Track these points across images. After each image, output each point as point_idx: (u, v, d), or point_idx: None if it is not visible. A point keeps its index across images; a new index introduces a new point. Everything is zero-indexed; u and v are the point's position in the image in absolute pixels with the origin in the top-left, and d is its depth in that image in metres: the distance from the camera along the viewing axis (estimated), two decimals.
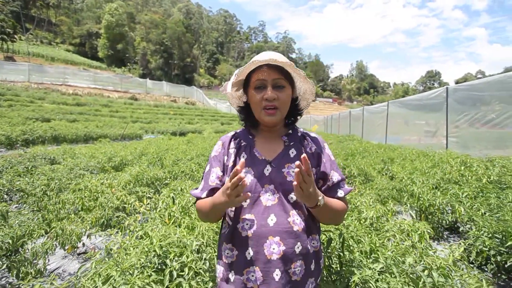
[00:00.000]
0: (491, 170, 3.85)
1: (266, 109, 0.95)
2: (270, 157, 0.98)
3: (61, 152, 6.46)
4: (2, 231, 1.98)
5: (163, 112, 29.54)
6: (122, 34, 64.66)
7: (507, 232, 1.81)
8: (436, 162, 5.40)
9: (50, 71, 34.01)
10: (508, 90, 7.51)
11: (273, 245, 0.88)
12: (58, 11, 72.09)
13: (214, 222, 1.22)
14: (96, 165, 5.13)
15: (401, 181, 3.65)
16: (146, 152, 6.83)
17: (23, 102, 20.62)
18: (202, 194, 1.00)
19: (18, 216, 2.38)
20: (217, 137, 12.99)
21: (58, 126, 10.85)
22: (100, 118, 20.43)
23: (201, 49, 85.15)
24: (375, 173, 4.71)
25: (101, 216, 2.83)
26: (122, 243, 1.57)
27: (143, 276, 1.18)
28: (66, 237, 2.29)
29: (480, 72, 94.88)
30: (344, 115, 21.38)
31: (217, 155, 1.04)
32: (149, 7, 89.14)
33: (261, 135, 1.05)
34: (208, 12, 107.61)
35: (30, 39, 54.88)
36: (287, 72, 0.96)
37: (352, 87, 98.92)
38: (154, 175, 4.02)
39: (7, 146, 7.81)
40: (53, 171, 4.12)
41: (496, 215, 2.11)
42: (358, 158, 6.34)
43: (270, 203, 0.92)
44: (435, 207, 2.73)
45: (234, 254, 0.94)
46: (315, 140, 1.04)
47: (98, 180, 3.43)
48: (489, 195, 2.74)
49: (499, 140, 7.94)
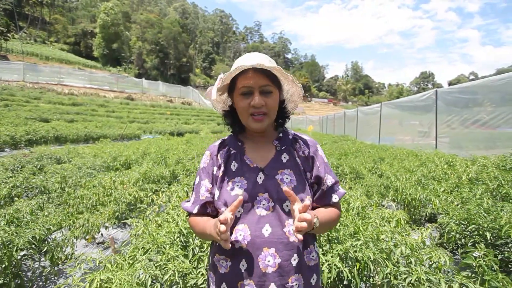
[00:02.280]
0: (470, 168, 4.22)
1: (253, 116, 0.91)
2: (262, 164, 0.95)
3: (66, 152, 6.70)
4: (40, 220, 2.26)
5: (160, 112, 29.63)
6: (117, 34, 64.34)
7: (470, 219, 2.15)
8: (423, 161, 5.78)
9: (45, 70, 33.73)
10: (494, 92, 7.97)
11: (268, 257, 0.84)
12: (52, 10, 71.42)
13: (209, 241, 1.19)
14: (103, 164, 5.39)
15: (387, 178, 4.00)
16: (148, 152, 7.10)
17: (19, 102, 20.55)
18: (193, 209, 0.97)
19: (46, 209, 2.65)
20: (214, 137, 13.25)
21: (59, 126, 11.04)
22: (97, 118, 20.52)
23: (197, 49, 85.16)
24: (366, 171, 5.06)
25: (116, 210, 3.12)
26: (147, 227, 1.88)
27: (173, 250, 1.49)
28: (89, 228, 2.58)
29: (472, 74, 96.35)
30: (339, 116, 21.80)
31: (206, 167, 1.00)
32: (145, 6, 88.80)
33: (251, 141, 1.01)
34: (204, 12, 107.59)
35: (24, 37, 54.28)
36: (274, 75, 0.91)
37: (348, 88, 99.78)
38: (160, 173, 4.31)
39: (11, 146, 8.01)
40: (64, 170, 4.38)
41: (465, 207, 2.45)
42: (351, 158, 6.71)
43: (265, 213, 0.88)
44: (416, 200, 3.08)
45: (227, 265, 0.89)
46: (307, 143, 1.01)
47: (110, 178, 3.71)
48: (463, 189, 3.10)
49: (487, 140, 8.34)
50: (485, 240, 1.97)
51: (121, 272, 1.44)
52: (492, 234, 1.96)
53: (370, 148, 9.44)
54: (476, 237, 2.05)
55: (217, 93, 0.98)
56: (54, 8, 72.06)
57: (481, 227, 2.02)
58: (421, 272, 1.34)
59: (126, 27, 70.16)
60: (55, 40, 66.29)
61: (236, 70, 0.88)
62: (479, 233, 2.03)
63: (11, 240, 1.85)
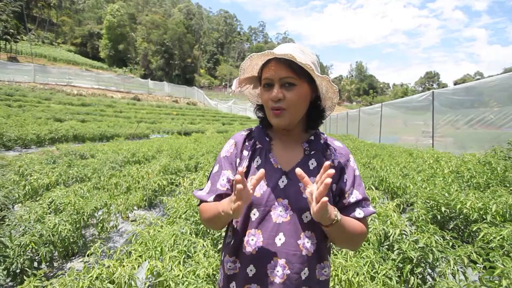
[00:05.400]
0: (451, 163, 4.77)
1: (273, 110, 0.84)
2: (287, 166, 0.87)
3: (87, 149, 7.35)
4: (95, 197, 2.87)
5: (166, 112, 30.19)
6: (123, 35, 65.52)
7: (433, 198, 2.71)
8: (415, 158, 6.32)
9: (53, 71, 34.44)
10: (490, 93, 8.41)
11: (278, 267, 0.80)
12: (59, 12, 72.81)
13: (217, 229, 1.12)
14: (123, 160, 6.02)
15: (374, 169, 4.57)
16: (161, 149, 7.75)
17: (32, 102, 21.27)
18: (208, 198, 0.90)
19: (91, 191, 3.28)
20: (219, 137, 13.84)
21: (77, 126, 11.77)
22: (106, 118, 21.16)
23: (202, 49, 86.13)
24: (359, 166, 5.62)
25: (144, 195, 3.74)
26: (181, 200, 2.48)
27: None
28: (127, 206, 3.19)
29: (478, 73, 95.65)
30: (342, 116, 22.30)
31: (229, 156, 0.93)
32: (150, 7, 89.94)
33: (278, 139, 0.93)
34: (208, 12, 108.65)
35: (32, 39, 55.53)
36: (300, 67, 0.80)
37: (352, 88, 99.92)
38: (178, 166, 4.93)
39: (37, 143, 8.74)
40: (94, 163, 5.02)
41: (433, 191, 3.01)
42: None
43: (281, 220, 0.82)
44: (397, 188, 3.64)
45: (236, 267, 0.85)
46: (340, 151, 0.91)
47: (136, 169, 4.33)
48: (437, 179, 3.65)
49: (490, 140, 8.65)
50: (440, 212, 2.53)
51: (166, 228, 2.03)
52: (447, 208, 2.52)
53: (369, 146, 9.96)
54: (435, 210, 2.61)
55: (247, 86, 0.96)
56: (61, 10, 73.49)
57: (439, 204, 2.58)
58: (378, 224, 1.92)
59: (131, 28, 71.31)
60: (62, 42, 67.72)
61: (250, 59, 0.85)
62: (437, 208, 2.59)
63: (82, 207, 2.47)
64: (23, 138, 8.33)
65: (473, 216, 2.24)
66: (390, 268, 1.58)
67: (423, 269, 1.64)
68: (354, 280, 1.42)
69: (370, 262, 1.61)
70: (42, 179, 3.65)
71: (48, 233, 2.01)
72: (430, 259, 1.56)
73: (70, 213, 2.38)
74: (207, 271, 1.48)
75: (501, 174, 3.81)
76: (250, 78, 0.94)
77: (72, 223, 2.29)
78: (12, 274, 1.91)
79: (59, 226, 2.10)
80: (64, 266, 2.42)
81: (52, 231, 2.06)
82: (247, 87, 0.97)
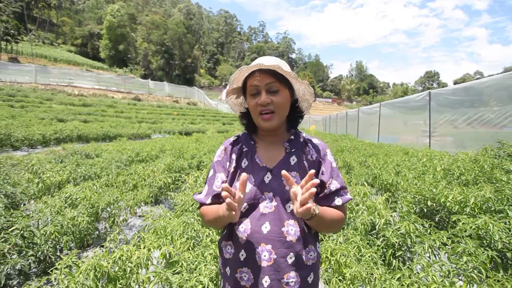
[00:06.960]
0: (443, 161, 4.98)
1: (262, 114, 0.95)
2: (271, 164, 0.99)
3: (92, 149, 7.56)
4: (107, 193, 3.09)
5: (166, 112, 30.29)
6: (123, 35, 65.67)
7: (421, 193, 2.93)
8: (409, 156, 6.53)
9: (54, 72, 34.50)
10: (484, 95, 8.59)
11: (265, 252, 0.90)
12: (59, 12, 73.00)
13: (219, 229, 1.26)
14: (128, 159, 6.24)
15: (368, 167, 4.78)
16: (164, 149, 7.96)
17: (34, 103, 21.40)
18: (207, 200, 1.00)
19: (103, 188, 3.49)
20: (220, 137, 14.07)
21: (81, 126, 12.00)
22: (107, 118, 21.30)
23: (202, 49, 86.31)
24: (356, 164, 5.83)
25: (151, 191, 3.96)
26: (185, 195, 2.70)
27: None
28: (136, 201, 3.41)
29: (478, 73, 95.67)
30: (342, 116, 22.46)
31: (220, 160, 1.05)
32: (150, 7, 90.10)
33: (262, 141, 1.05)
34: (208, 12, 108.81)
35: (33, 39, 55.71)
36: (282, 75, 0.94)
37: (352, 87, 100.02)
38: (181, 164, 5.15)
39: (42, 143, 8.97)
40: (101, 162, 5.24)
41: (421, 186, 3.22)
42: (346, 154, 7.48)
43: (267, 211, 0.93)
44: (389, 185, 3.86)
45: (231, 252, 0.95)
46: (317, 147, 1.02)
47: (142, 167, 4.55)
48: (428, 176, 3.87)
49: (489, 139, 8.79)
50: (427, 206, 2.74)
51: (174, 220, 2.25)
52: (432, 202, 2.74)
53: (366, 146, 10.16)
54: (422, 204, 2.83)
55: (233, 96, 1.07)
56: (61, 10, 73.65)
57: (426, 198, 2.80)
58: (367, 215, 2.13)
59: (132, 28, 71.44)
60: (62, 42, 67.87)
61: (239, 72, 0.96)
62: (424, 202, 2.81)
63: (97, 201, 2.69)
64: (30, 138, 8.58)
65: (454, 208, 2.45)
66: (375, 252, 1.80)
67: (403, 253, 1.86)
68: (341, 261, 1.63)
69: (357, 246, 1.83)
70: (54, 177, 3.87)
71: (68, 223, 2.23)
72: (409, 243, 1.78)
73: (86, 207, 2.60)
74: (214, 253, 1.71)
75: (489, 171, 4.03)
76: (234, 88, 1.04)
77: (88, 215, 2.50)
78: (38, 261, 2.13)
79: (78, 217, 2.31)
80: (81, 255, 2.64)
81: (72, 222, 2.27)
82: (231, 97, 1.08)
